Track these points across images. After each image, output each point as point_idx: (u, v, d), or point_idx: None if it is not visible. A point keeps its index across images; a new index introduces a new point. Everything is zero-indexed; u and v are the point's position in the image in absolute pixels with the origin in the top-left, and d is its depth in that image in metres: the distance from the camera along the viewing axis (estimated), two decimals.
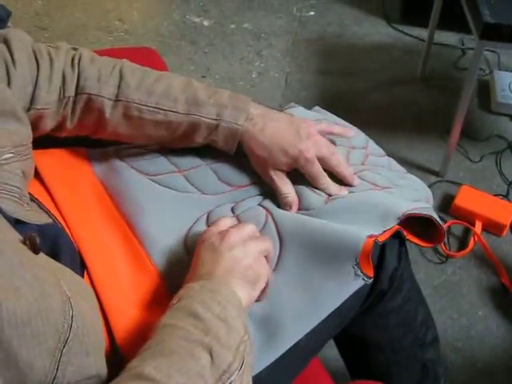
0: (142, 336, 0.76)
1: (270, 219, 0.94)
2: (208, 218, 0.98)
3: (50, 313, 0.64)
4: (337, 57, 2.81)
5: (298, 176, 1.00)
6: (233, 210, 0.98)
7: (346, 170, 1.00)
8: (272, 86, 2.62)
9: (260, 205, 0.98)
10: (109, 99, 0.96)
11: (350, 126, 1.14)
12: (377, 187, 1.02)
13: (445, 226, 2.01)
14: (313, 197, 0.98)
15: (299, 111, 1.14)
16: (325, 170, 0.99)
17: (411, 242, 1.02)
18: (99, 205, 0.99)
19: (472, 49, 2.71)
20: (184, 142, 1.01)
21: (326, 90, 2.60)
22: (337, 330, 1.01)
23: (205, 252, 0.82)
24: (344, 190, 0.99)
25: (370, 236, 0.90)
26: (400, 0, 3.03)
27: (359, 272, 0.90)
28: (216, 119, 0.96)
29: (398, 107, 2.52)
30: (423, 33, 2.81)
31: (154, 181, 1.01)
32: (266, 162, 0.98)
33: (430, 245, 1.05)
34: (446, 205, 2.10)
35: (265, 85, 2.63)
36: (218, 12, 3.11)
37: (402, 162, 2.19)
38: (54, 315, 0.64)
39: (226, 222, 0.89)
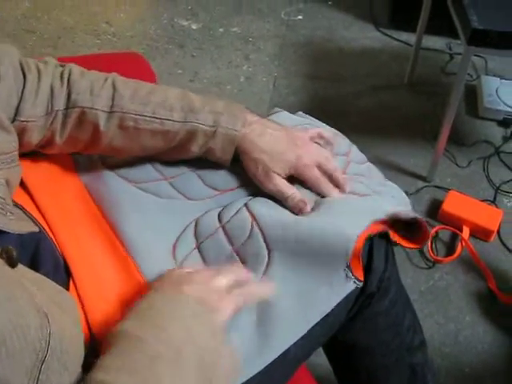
0: None
1: (255, 227, 0.93)
2: (196, 225, 0.97)
3: (27, 331, 0.63)
4: (325, 61, 2.81)
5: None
6: (220, 217, 0.97)
7: (340, 176, 1.00)
8: (260, 91, 2.62)
9: (247, 210, 0.97)
10: (103, 111, 0.95)
11: (334, 130, 1.14)
12: (356, 194, 1.02)
13: (432, 232, 2.01)
14: (307, 196, 0.98)
15: (284, 116, 1.13)
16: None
17: (397, 243, 1.02)
18: (85, 212, 0.98)
19: (460, 54, 2.71)
20: (180, 153, 1.00)
21: (313, 95, 2.60)
22: (326, 336, 1.00)
23: (171, 284, 0.81)
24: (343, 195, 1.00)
25: (361, 233, 0.90)
26: (388, 5, 3.03)
27: (350, 274, 0.90)
28: (213, 125, 0.96)
29: (386, 112, 2.52)
30: (411, 37, 2.81)
31: (139, 188, 1.01)
32: (265, 166, 0.97)
33: (414, 246, 1.04)
34: (433, 210, 2.10)
35: (253, 89, 2.63)
36: (207, 16, 3.10)
37: (390, 167, 2.23)
38: (31, 333, 0.63)
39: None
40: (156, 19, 3.07)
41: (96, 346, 0.80)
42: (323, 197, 0.99)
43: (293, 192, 0.97)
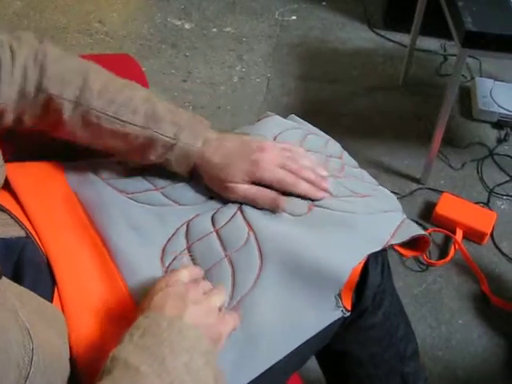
0: (101, 354, 0.73)
1: (252, 237, 0.92)
2: (188, 228, 0.96)
3: (9, 347, 0.61)
4: (318, 62, 2.80)
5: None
6: (213, 220, 0.96)
7: (311, 174, 0.98)
8: (253, 91, 2.60)
9: (243, 217, 0.96)
10: (69, 101, 0.94)
11: (325, 136, 1.13)
12: (356, 194, 1.01)
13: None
14: (295, 201, 0.97)
15: (275, 120, 1.13)
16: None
17: (395, 250, 1.01)
18: (73, 219, 0.96)
19: (454, 55, 2.71)
20: (139, 157, 0.99)
21: (307, 96, 2.58)
22: (316, 349, 1.00)
23: (169, 297, 0.78)
24: (322, 193, 0.98)
25: (356, 267, 0.90)
26: (382, 5, 3.03)
27: (340, 304, 0.90)
28: (173, 138, 0.95)
29: (380, 113, 2.51)
30: (405, 38, 2.81)
31: (130, 198, 0.99)
32: (220, 180, 0.96)
33: (414, 253, 1.03)
34: (426, 212, 2.09)
35: (246, 90, 2.62)
36: (200, 15, 3.09)
37: (383, 168, 2.22)
38: (14, 350, 0.62)
39: (184, 273, 0.84)
40: (149, 19, 3.05)
41: (75, 358, 0.79)
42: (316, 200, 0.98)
43: (262, 193, 0.96)
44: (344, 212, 0.96)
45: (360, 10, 3.16)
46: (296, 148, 1.03)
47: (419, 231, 0.99)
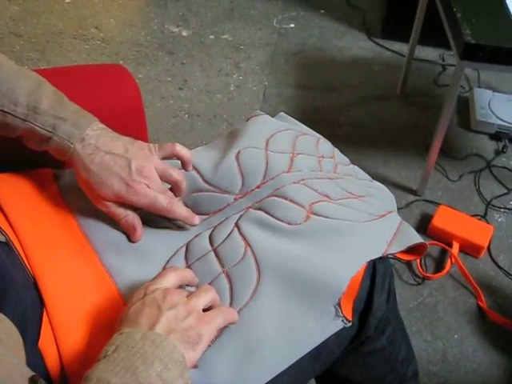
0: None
1: (249, 252, 0.91)
2: (187, 249, 0.94)
3: None
4: (316, 71, 2.78)
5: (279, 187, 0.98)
6: (211, 239, 0.94)
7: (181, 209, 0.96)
8: (250, 100, 2.58)
9: (240, 233, 0.94)
10: None
11: (316, 134, 1.12)
12: (352, 195, 1.01)
13: None
14: (292, 209, 0.95)
15: (265, 120, 1.11)
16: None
17: (394, 257, 1.00)
18: (63, 230, 0.95)
19: (452, 65, 2.70)
20: (22, 144, 0.97)
21: (304, 105, 2.57)
22: (317, 372, 0.98)
23: (145, 307, 0.77)
24: (197, 219, 0.96)
25: (355, 275, 0.89)
26: (381, 14, 3.02)
27: (340, 313, 0.88)
28: (50, 131, 0.92)
29: (377, 123, 2.50)
30: (404, 48, 2.80)
31: None
32: (92, 188, 0.93)
33: (411, 258, 1.02)
34: (423, 224, 2.08)
35: (242, 98, 2.60)
36: (198, 22, 3.08)
37: (380, 179, 2.16)
38: None
39: (169, 278, 0.83)
40: (146, 25, 3.04)
41: (67, 372, 0.78)
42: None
43: (126, 215, 0.94)
44: (341, 220, 0.95)
45: (358, 18, 3.15)
46: (183, 152, 1.00)
47: (417, 239, 0.98)
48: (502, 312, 1.84)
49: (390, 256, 0.97)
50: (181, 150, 0.99)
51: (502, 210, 2.17)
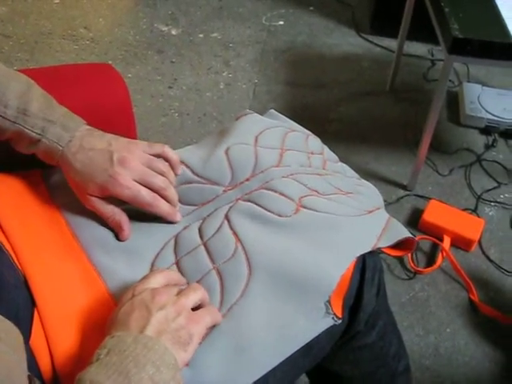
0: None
1: (239, 248, 0.91)
2: (176, 242, 0.94)
3: None
4: (306, 67, 2.78)
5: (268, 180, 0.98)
6: (200, 232, 0.94)
7: (171, 194, 0.96)
8: (240, 98, 2.58)
9: (230, 228, 0.94)
10: None
11: (306, 131, 1.12)
12: (341, 191, 1.01)
13: None
14: (282, 201, 0.95)
15: (254, 118, 1.11)
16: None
17: (382, 252, 1.00)
18: (54, 232, 0.95)
19: (441, 60, 2.70)
20: (12, 146, 0.98)
21: (294, 102, 2.57)
22: (309, 366, 0.98)
23: (134, 309, 0.77)
24: (180, 217, 0.96)
25: (344, 272, 0.89)
26: (370, 10, 3.02)
27: (330, 310, 0.88)
28: (39, 134, 0.93)
29: (367, 119, 2.50)
30: (393, 43, 2.80)
31: None
32: (79, 186, 0.94)
33: (400, 253, 1.02)
34: (414, 219, 2.08)
35: (232, 96, 2.60)
36: (187, 21, 3.07)
37: (370, 174, 2.21)
38: None
39: (157, 279, 0.83)
40: (135, 24, 3.03)
41: (60, 374, 0.78)
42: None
43: (113, 213, 0.94)
44: (330, 214, 0.95)
45: (347, 15, 3.15)
46: (170, 152, 1.00)
47: (406, 233, 0.99)
48: (494, 305, 1.85)
49: (379, 251, 0.97)
50: (169, 151, 0.99)
51: (492, 203, 2.18)
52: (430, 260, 1.97)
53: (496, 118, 2.42)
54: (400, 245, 0.99)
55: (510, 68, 2.10)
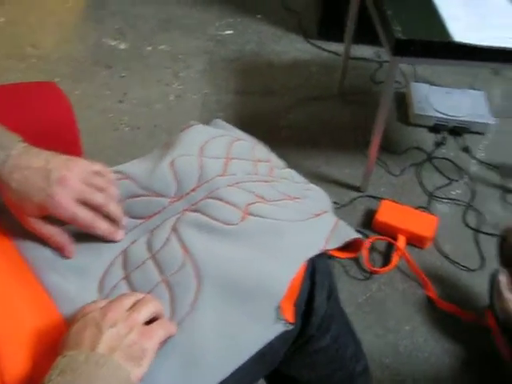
0: None
1: (188, 259, 0.90)
2: (125, 258, 0.93)
3: None
4: (255, 75, 2.79)
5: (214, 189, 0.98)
6: (148, 245, 0.94)
7: (111, 208, 0.94)
8: (189, 109, 2.58)
9: (178, 239, 0.93)
10: None
11: (252, 139, 1.13)
12: (288, 197, 1.02)
13: (367, 243, 2.00)
14: (228, 210, 0.95)
15: (199, 129, 1.11)
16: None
17: (331, 255, 1.01)
18: (1, 254, 0.93)
19: (388, 61, 2.73)
20: None
21: (244, 110, 2.57)
22: (262, 373, 0.98)
23: (85, 327, 0.76)
24: (121, 235, 0.95)
25: (294, 277, 0.90)
26: (317, 16, 3.05)
27: (280, 316, 0.88)
28: None
29: (317, 124, 2.51)
30: (340, 48, 2.82)
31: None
32: (17, 207, 0.92)
33: (348, 255, 1.03)
34: (368, 220, 2.10)
35: (182, 107, 2.59)
36: (135, 34, 3.06)
37: (323, 178, 2.22)
38: None
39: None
40: (83, 40, 3.01)
41: None
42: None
43: (52, 234, 0.92)
44: (277, 220, 0.96)
45: (295, 22, 3.17)
46: (106, 170, 0.99)
47: (353, 234, 1.00)
48: (451, 300, 1.87)
49: (329, 254, 0.98)
50: (107, 170, 0.98)
51: (444, 200, 2.21)
52: (386, 260, 1.99)
53: (444, 116, 2.46)
54: (349, 246, 1.00)
55: (454, 66, 2.13)
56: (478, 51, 1.74)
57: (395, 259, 1.96)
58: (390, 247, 2.02)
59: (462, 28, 1.79)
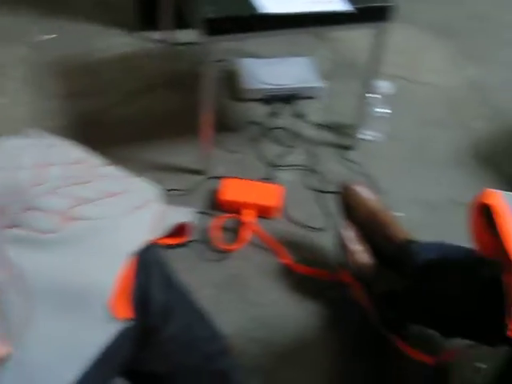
0: None
1: (13, 278, 0.86)
2: None
3: None
4: (81, 76, 2.71)
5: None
6: None
7: None
8: (16, 122, 2.45)
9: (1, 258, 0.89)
10: None
11: (66, 143, 1.09)
12: (109, 193, 1.00)
13: (217, 223, 2.01)
14: (45, 219, 0.91)
15: (8, 142, 1.05)
16: None
17: (163, 244, 1.01)
18: None
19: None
20: None
21: (72, 114, 2.48)
22: (112, 376, 0.97)
23: None
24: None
25: (118, 274, 0.88)
26: (135, 7, 2.97)
27: (112, 316, 0.86)
28: None
29: (149, 116, 2.49)
30: (164, 36, 2.80)
31: None
32: None
33: (180, 240, 1.03)
34: (214, 202, 2.11)
35: (9, 121, 2.46)
36: None
37: (163, 168, 2.20)
38: None
39: None
40: None
41: None
42: None
43: None
44: (101, 219, 0.94)
45: (114, 16, 3.10)
46: None
47: (180, 219, 0.99)
48: (308, 263, 1.92)
49: (156, 243, 0.97)
50: None
51: (286, 168, 2.26)
52: (240, 236, 2.00)
53: (273, 87, 2.51)
54: (184, 232, 1.01)
55: (269, 37, 2.17)
56: (285, 19, 1.79)
57: (246, 234, 1.98)
58: (242, 224, 2.04)
59: (268, 1, 1.83)
